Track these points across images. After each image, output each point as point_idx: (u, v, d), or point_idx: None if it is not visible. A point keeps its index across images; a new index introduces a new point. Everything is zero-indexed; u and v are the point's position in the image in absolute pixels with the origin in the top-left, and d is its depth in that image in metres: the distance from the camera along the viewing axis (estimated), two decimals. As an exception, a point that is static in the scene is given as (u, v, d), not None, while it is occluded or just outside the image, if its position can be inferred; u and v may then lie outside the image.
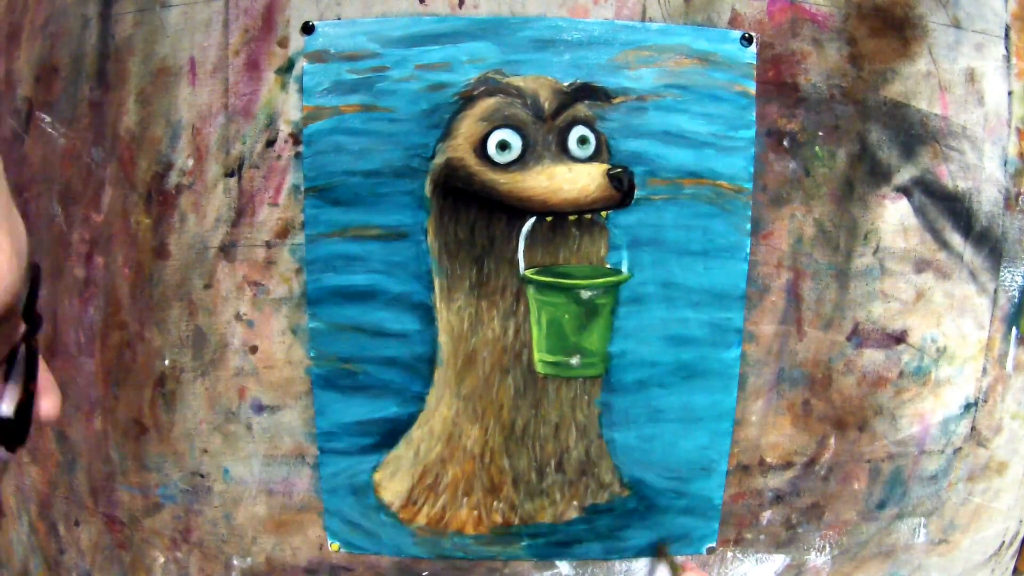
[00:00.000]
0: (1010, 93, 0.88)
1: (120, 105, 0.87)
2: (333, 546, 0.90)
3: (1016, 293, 0.92)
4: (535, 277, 0.82)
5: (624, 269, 0.84)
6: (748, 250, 0.85)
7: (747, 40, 0.82)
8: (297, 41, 0.82)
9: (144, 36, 0.85)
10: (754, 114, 0.83)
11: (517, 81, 0.81)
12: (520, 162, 0.81)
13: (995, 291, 0.91)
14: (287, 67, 0.83)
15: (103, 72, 0.87)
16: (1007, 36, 0.87)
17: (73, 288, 0.91)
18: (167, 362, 0.89)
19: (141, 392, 0.90)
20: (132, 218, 0.87)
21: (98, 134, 0.88)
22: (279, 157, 0.84)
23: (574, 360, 0.84)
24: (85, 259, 0.90)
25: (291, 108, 0.83)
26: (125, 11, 0.86)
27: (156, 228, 0.87)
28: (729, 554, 0.92)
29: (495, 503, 0.88)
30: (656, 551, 0.89)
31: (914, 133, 0.86)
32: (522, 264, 0.83)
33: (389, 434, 0.87)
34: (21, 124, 0.93)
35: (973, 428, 0.93)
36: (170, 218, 0.87)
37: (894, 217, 0.87)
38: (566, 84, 0.81)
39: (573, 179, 0.80)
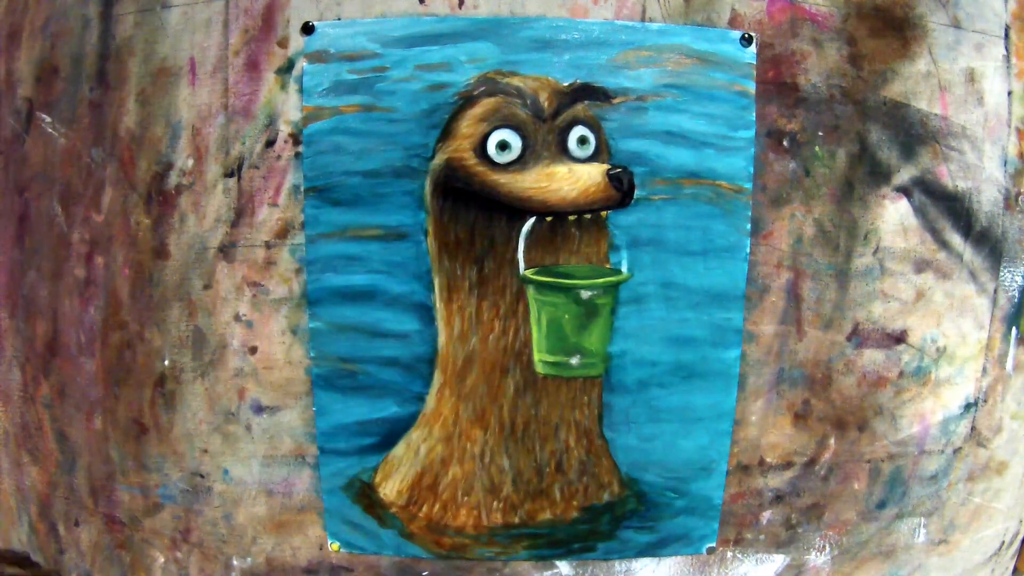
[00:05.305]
0: (1010, 93, 0.88)
1: (120, 105, 0.87)
2: (333, 546, 0.90)
3: (1016, 293, 0.92)
4: (535, 277, 0.82)
5: (624, 269, 0.84)
6: (748, 250, 0.85)
7: (747, 40, 0.82)
8: (297, 41, 0.82)
9: (144, 36, 0.85)
10: (754, 114, 0.83)
11: (517, 81, 0.81)
12: (520, 162, 0.81)
13: (995, 291, 0.91)
14: (287, 67, 0.83)
15: (103, 72, 0.87)
16: (1007, 36, 0.87)
17: (73, 288, 0.91)
18: (167, 362, 0.89)
19: (141, 392, 0.90)
20: (132, 218, 0.87)
21: (98, 134, 0.88)
22: (279, 157, 0.84)
23: (574, 360, 0.84)
24: (85, 259, 0.90)
25: (291, 108, 0.83)
26: (125, 11, 0.86)
27: (156, 228, 0.87)
28: (729, 554, 0.92)
29: (495, 503, 0.88)
30: None
31: (914, 133, 0.86)
32: (522, 264, 0.83)
33: (389, 434, 0.87)
34: (21, 124, 0.93)
35: (973, 428, 0.93)
36: (170, 218, 0.87)
37: (894, 217, 0.87)
38: (566, 84, 0.81)
39: (573, 179, 0.80)
